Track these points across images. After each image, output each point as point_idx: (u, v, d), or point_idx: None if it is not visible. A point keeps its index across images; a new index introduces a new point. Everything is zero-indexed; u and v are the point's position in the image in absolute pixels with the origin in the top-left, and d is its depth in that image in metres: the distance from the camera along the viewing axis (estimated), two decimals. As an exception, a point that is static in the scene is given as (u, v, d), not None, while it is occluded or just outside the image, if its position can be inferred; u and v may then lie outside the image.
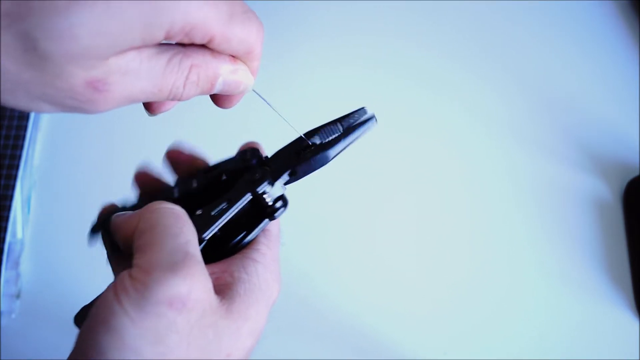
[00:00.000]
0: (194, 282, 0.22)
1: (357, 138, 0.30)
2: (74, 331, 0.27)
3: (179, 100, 0.25)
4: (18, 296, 0.57)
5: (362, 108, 0.31)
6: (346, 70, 0.70)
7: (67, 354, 0.23)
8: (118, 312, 0.21)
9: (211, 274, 0.25)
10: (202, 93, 0.25)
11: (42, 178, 0.63)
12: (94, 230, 0.32)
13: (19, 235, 0.58)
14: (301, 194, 0.62)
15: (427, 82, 0.70)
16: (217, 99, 0.28)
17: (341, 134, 0.30)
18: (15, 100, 0.21)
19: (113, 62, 0.21)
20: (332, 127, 0.31)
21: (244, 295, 0.25)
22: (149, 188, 0.33)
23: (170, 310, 0.22)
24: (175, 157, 0.33)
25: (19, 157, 0.59)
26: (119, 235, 0.26)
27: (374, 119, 0.30)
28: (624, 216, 0.63)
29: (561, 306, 0.59)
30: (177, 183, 0.33)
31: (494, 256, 0.61)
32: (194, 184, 0.32)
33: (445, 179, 0.65)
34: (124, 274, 0.23)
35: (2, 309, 0.55)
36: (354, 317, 0.58)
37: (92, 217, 0.33)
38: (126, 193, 0.36)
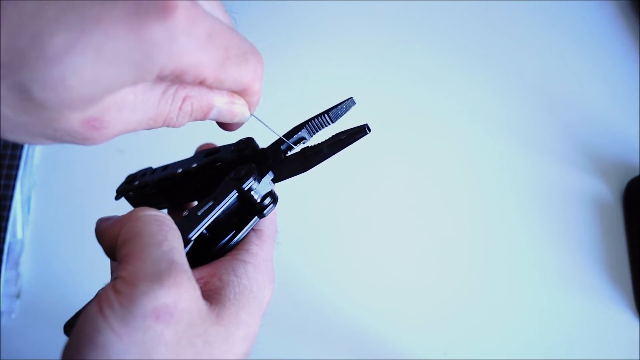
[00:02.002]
0: (180, 291, 0.22)
1: (342, 149, 0.29)
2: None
3: (172, 127, 0.25)
4: (18, 296, 0.57)
5: (350, 98, 0.30)
6: (346, 70, 0.70)
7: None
8: (103, 328, 0.21)
9: (199, 279, 0.25)
10: (195, 120, 0.25)
11: (42, 178, 0.63)
12: (121, 191, 0.34)
13: (19, 235, 0.57)
14: (300, 195, 0.62)
15: (427, 82, 0.70)
16: (218, 123, 0.28)
17: (328, 142, 0.29)
18: (14, 137, 0.21)
19: (108, 100, 0.21)
20: (320, 119, 0.30)
21: (234, 299, 0.25)
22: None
23: (157, 322, 0.21)
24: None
25: (19, 157, 0.59)
26: (102, 243, 0.26)
27: (366, 131, 0.28)
28: (624, 216, 0.63)
29: (561, 306, 0.59)
30: (183, 161, 0.34)
31: (494, 256, 0.61)
32: (194, 165, 0.32)
33: (445, 178, 0.65)
34: (108, 287, 0.22)
35: (2, 309, 0.55)
36: (353, 317, 0.58)
37: (91, 217, 0.33)
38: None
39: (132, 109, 0.22)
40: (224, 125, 0.28)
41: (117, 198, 0.36)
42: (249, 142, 0.32)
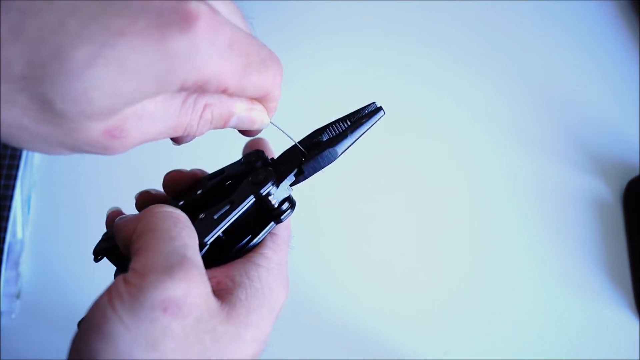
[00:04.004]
0: (190, 285, 0.22)
1: (364, 132, 0.29)
2: (74, 331, 0.27)
3: (192, 135, 0.25)
4: (18, 296, 0.57)
5: (372, 103, 0.30)
6: (346, 70, 0.70)
7: (67, 355, 0.23)
8: (111, 318, 0.21)
9: (212, 278, 0.25)
10: (216, 128, 0.25)
11: (42, 178, 0.62)
12: (100, 250, 0.31)
13: (19, 235, 0.57)
14: (301, 195, 0.62)
15: (427, 82, 0.70)
16: (238, 130, 0.28)
17: (347, 128, 0.29)
18: (34, 147, 0.21)
19: (128, 110, 0.21)
20: (340, 123, 0.30)
21: (245, 301, 0.25)
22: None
23: (165, 315, 0.21)
24: (175, 178, 0.32)
25: (19, 157, 0.59)
26: (119, 238, 0.26)
27: (382, 111, 0.29)
28: (624, 216, 0.63)
29: (561, 306, 0.59)
30: (182, 194, 0.32)
31: (494, 256, 0.61)
32: (198, 192, 0.31)
33: (445, 179, 0.65)
34: (119, 278, 0.22)
35: (2, 309, 0.55)
36: (353, 317, 0.58)
37: (92, 217, 0.33)
38: (125, 193, 0.36)
39: (152, 119, 0.22)
40: (244, 132, 0.28)
41: (97, 260, 0.32)
42: (258, 154, 0.31)
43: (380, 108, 0.29)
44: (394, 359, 0.56)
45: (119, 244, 0.26)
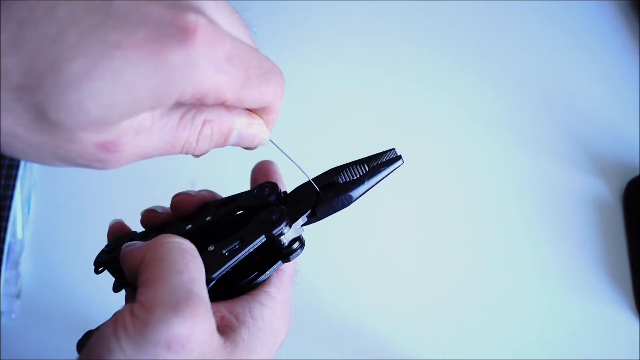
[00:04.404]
0: (195, 323, 0.22)
1: (381, 179, 0.29)
2: (74, 331, 0.27)
3: (192, 154, 0.24)
4: (18, 296, 0.57)
5: (392, 149, 0.30)
6: (345, 70, 0.70)
7: (67, 354, 0.23)
8: (115, 350, 0.21)
9: (216, 313, 0.25)
10: (216, 146, 0.25)
11: (42, 178, 0.63)
12: (101, 262, 0.31)
13: (19, 235, 0.57)
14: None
15: (426, 82, 0.70)
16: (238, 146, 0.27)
17: (365, 173, 0.29)
18: (27, 157, 0.21)
19: (125, 123, 0.21)
20: (357, 166, 0.29)
21: (248, 341, 0.25)
22: (156, 224, 0.32)
23: (168, 352, 0.21)
24: (184, 202, 0.32)
25: (19, 157, 0.58)
26: (125, 266, 0.26)
27: (401, 160, 0.29)
28: (624, 216, 0.63)
29: (561, 306, 0.59)
30: (190, 217, 0.32)
31: (494, 256, 0.61)
32: (207, 219, 0.30)
33: (445, 179, 0.65)
34: (126, 309, 0.22)
35: (2, 309, 0.55)
36: (353, 317, 0.58)
37: (92, 217, 0.33)
38: (124, 194, 0.36)
39: (149, 133, 0.22)
40: (243, 147, 0.27)
41: (98, 272, 0.32)
42: (272, 188, 0.30)
43: (400, 157, 0.29)
44: (394, 359, 0.56)
45: (125, 272, 0.26)
